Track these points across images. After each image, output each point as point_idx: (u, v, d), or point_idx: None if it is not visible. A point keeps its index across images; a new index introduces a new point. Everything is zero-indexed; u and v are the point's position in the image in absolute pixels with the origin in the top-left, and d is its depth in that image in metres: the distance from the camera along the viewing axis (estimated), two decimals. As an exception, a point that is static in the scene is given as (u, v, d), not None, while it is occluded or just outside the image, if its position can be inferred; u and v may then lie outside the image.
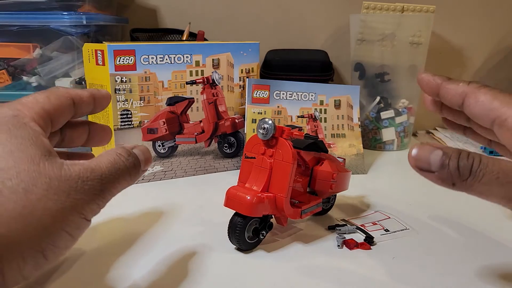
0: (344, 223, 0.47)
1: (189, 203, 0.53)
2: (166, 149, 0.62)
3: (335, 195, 0.51)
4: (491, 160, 0.29)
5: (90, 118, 0.61)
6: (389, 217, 0.49)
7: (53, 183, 0.26)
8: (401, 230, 0.46)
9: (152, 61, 0.59)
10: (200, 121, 0.64)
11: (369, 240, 0.43)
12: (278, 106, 0.66)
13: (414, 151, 0.30)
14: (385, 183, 0.63)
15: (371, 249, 0.42)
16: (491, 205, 0.39)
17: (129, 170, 0.31)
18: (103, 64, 0.56)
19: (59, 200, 0.26)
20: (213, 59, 0.63)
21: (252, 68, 0.67)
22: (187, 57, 0.61)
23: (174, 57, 0.60)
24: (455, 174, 0.29)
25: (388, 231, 0.46)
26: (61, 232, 0.26)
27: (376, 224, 0.47)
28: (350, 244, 0.43)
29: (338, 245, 0.43)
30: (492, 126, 0.32)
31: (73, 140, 0.36)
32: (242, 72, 0.66)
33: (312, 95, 0.67)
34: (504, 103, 0.31)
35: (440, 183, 0.30)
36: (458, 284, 0.37)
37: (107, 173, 0.29)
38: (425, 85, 0.38)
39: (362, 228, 0.46)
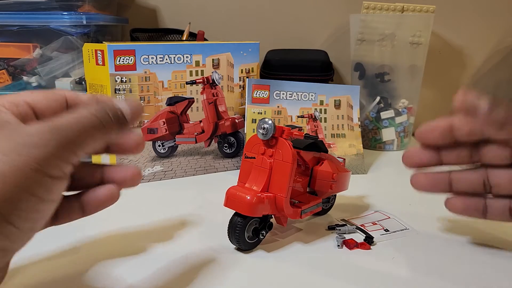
0: (344, 223, 0.47)
1: (189, 203, 0.53)
2: (166, 149, 0.62)
3: (335, 195, 0.51)
4: None
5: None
6: (389, 217, 0.49)
7: (2, 143, 0.24)
8: (401, 230, 0.46)
9: (152, 61, 0.59)
10: (200, 121, 0.64)
11: (369, 240, 0.43)
12: (278, 106, 0.66)
13: (460, 95, 0.33)
14: (385, 183, 0.62)
15: (371, 249, 0.42)
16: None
17: (96, 119, 0.28)
18: (103, 64, 0.56)
19: (9, 160, 0.24)
20: (213, 59, 0.63)
21: (252, 68, 0.67)
22: (187, 57, 0.61)
23: (174, 57, 0.60)
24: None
25: (388, 231, 0.46)
26: (20, 194, 0.24)
27: (376, 224, 0.47)
28: (350, 244, 0.43)
29: (338, 245, 0.43)
30: None
31: (84, 179, 0.33)
32: (242, 72, 0.66)
33: (312, 95, 0.67)
34: None
35: (486, 126, 0.33)
36: (458, 284, 0.37)
37: (65, 124, 0.26)
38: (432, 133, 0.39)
39: (362, 228, 0.46)
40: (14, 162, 0.24)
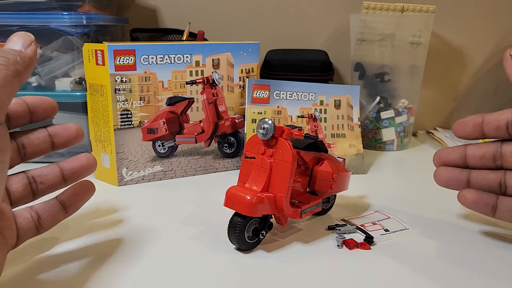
0: (344, 223, 0.47)
1: (189, 203, 0.53)
2: (166, 149, 0.62)
3: (335, 195, 0.51)
4: None
5: (90, 119, 0.61)
6: (389, 217, 0.49)
7: None
8: (401, 230, 0.46)
9: (152, 61, 0.59)
10: (200, 121, 0.64)
11: (369, 240, 0.43)
12: (278, 106, 0.66)
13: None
14: (385, 183, 0.62)
15: (370, 249, 0.42)
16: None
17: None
18: (103, 64, 0.56)
19: None
20: (213, 59, 0.63)
21: (252, 68, 0.67)
22: (187, 57, 0.61)
23: (174, 57, 0.60)
24: None
25: (388, 231, 0.46)
26: None
27: (376, 224, 0.48)
28: (350, 244, 0.43)
29: (338, 245, 0.43)
30: None
31: (34, 148, 0.36)
32: (242, 72, 0.66)
33: (312, 95, 0.67)
34: None
35: None
36: (458, 284, 0.37)
37: None
38: (465, 128, 0.43)
39: (362, 228, 0.46)
40: None
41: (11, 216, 0.34)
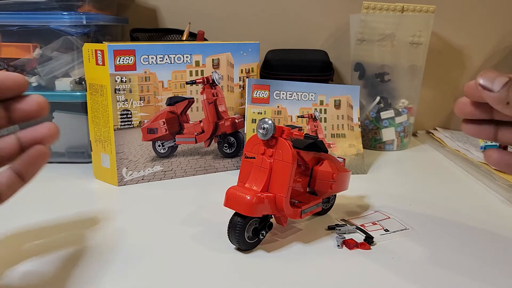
0: (344, 223, 0.47)
1: (189, 203, 0.53)
2: (166, 149, 0.62)
3: (335, 195, 0.51)
4: None
5: (90, 119, 0.61)
6: (389, 217, 0.49)
7: None
8: (401, 230, 0.46)
9: (152, 61, 0.59)
10: (200, 121, 0.64)
11: (369, 240, 0.43)
12: (278, 106, 0.66)
13: (481, 77, 0.36)
14: (385, 183, 0.62)
15: (370, 249, 0.42)
16: (491, 204, 0.39)
17: None
18: (103, 64, 0.56)
19: None
20: (213, 59, 0.63)
21: (252, 68, 0.67)
22: (187, 57, 0.61)
23: (174, 57, 0.60)
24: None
25: (388, 231, 0.46)
26: None
27: (376, 224, 0.48)
28: (350, 244, 0.43)
29: (338, 245, 0.43)
30: None
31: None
32: (242, 72, 0.66)
33: (312, 95, 0.67)
34: None
35: (496, 103, 0.35)
36: (458, 284, 0.37)
37: None
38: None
39: (362, 228, 0.46)
40: None
41: None
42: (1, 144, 0.35)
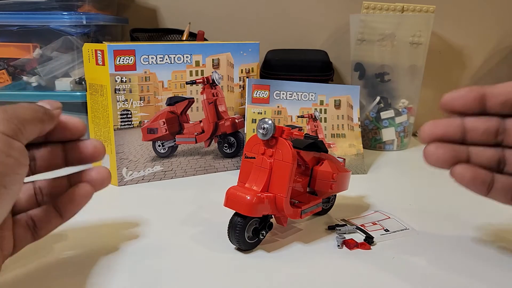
0: (344, 223, 0.47)
1: (189, 203, 0.53)
2: (166, 149, 0.62)
3: (335, 195, 0.51)
4: None
5: (90, 119, 0.61)
6: (389, 217, 0.49)
7: None
8: (401, 230, 0.46)
9: (152, 61, 0.59)
10: (200, 121, 0.64)
11: (369, 240, 0.43)
12: (278, 106, 0.66)
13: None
14: (385, 183, 0.62)
15: (371, 249, 0.42)
16: (491, 203, 0.39)
17: (25, 104, 0.32)
18: (103, 64, 0.56)
19: None
20: (213, 59, 0.63)
21: (252, 68, 0.67)
22: (187, 57, 0.61)
23: (174, 57, 0.60)
24: None
25: (388, 231, 0.46)
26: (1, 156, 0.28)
27: (376, 224, 0.47)
28: (350, 244, 0.43)
29: (338, 245, 0.43)
30: None
31: (46, 161, 0.36)
32: (242, 72, 0.66)
33: (312, 95, 0.67)
34: None
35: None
36: (458, 284, 0.37)
37: (4, 106, 0.31)
38: (461, 100, 0.38)
39: (362, 228, 0.46)
40: None
41: (11, 226, 0.35)
42: (53, 184, 0.37)
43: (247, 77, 0.66)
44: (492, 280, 0.37)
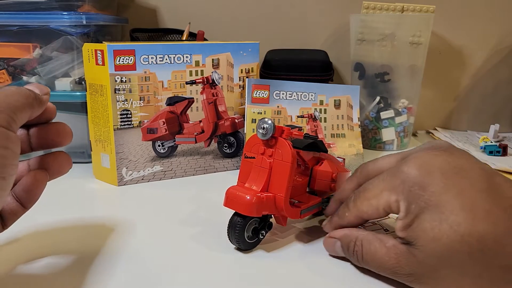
0: None
1: (189, 203, 0.53)
2: (166, 149, 0.62)
3: (335, 195, 0.51)
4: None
5: (90, 119, 0.61)
6: (389, 217, 0.49)
7: None
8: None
9: (152, 61, 0.59)
10: (200, 121, 0.64)
11: None
12: (278, 106, 0.66)
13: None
14: (385, 183, 0.62)
15: None
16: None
17: (16, 88, 0.32)
18: (103, 64, 0.56)
19: None
20: (213, 59, 0.63)
21: (252, 68, 0.67)
22: (187, 57, 0.61)
23: (174, 57, 0.60)
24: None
25: (388, 231, 0.46)
26: None
27: (376, 224, 0.47)
28: None
29: None
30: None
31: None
32: (242, 72, 0.66)
33: (312, 95, 0.67)
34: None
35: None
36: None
37: (1, 96, 0.30)
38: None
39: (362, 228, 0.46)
40: None
41: None
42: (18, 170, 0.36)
43: (247, 77, 0.66)
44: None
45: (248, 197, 0.39)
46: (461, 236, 0.31)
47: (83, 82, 0.65)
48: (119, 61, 0.56)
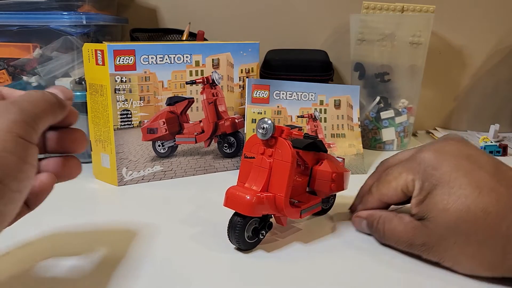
0: None
1: (189, 203, 0.53)
2: (166, 149, 0.62)
3: (335, 195, 0.51)
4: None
5: (90, 119, 0.61)
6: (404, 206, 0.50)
7: None
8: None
9: (152, 61, 0.59)
10: (200, 121, 0.64)
11: None
12: (278, 106, 0.66)
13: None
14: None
15: None
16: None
17: (41, 94, 0.31)
18: (103, 64, 0.56)
19: None
20: (213, 59, 0.63)
21: (252, 68, 0.67)
22: (187, 57, 0.61)
23: (174, 57, 0.60)
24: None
25: None
26: (6, 155, 0.27)
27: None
28: None
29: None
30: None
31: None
32: (242, 72, 0.66)
33: (312, 95, 0.67)
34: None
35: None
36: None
37: (17, 98, 0.30)
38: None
39: None
40: None
41: None
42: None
43: (247, 77, 0.66)
44: None
45: (248, 197, 0.39)
46: (467, 207, 0.35)
47: (83, 82, 0.65)
48: (119, 61, 0.56)
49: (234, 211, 0.40)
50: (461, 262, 0.37)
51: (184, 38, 0.79)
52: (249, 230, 0.41)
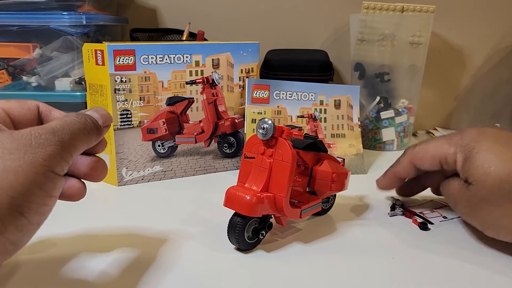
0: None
1: (189, 203, 0.53)
2: (166, 149, 0.62)
3: (335, 195, 0.51)
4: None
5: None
6: (446, 205, 0.51)
7: (6, 145, 0.27)
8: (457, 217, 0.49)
9: (152, 61, 0.59)
10: (200, 121, 0.64)
11: (423, 226, 0.47)
12: (278, 106, 0.66)
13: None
14: (385, 183, 0.62)
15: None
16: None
17: (82, 125, 0.31)
18: (103, 64, 0.56)
19: (17, 158, 0.26)
20: (213, 59, 0.63)
21: (252, 68, 0.67)
22: (187, 57, 0.61)
23: (174, 57, 0.60)
24: None
25: (446, 218, 0.49)
26: (31, 188, 0.27)
27: (434, 211, 0.51)
28: (410, 214, 0.49)
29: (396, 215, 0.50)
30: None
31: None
32: (242, 72, 0.66)
33: (312, 95, 0.67)
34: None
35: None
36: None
37: (59, 127, 0.29)
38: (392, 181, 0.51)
39: (421, 215, 0.50)
40: (23, 160, 0.26)
41: None
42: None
43: (247, 77, 0.66)
44: None
45: (248, 197, 0.39)
46: (509, 169, 0.37)
47: (83, 82, 0.65)
48: (119, 61, 0.56)
49: (234, 211, 0.40)
50: (504, 226, 0.38)
51: (184, 38, 0.79)
52: (249, 230, 0.41)
